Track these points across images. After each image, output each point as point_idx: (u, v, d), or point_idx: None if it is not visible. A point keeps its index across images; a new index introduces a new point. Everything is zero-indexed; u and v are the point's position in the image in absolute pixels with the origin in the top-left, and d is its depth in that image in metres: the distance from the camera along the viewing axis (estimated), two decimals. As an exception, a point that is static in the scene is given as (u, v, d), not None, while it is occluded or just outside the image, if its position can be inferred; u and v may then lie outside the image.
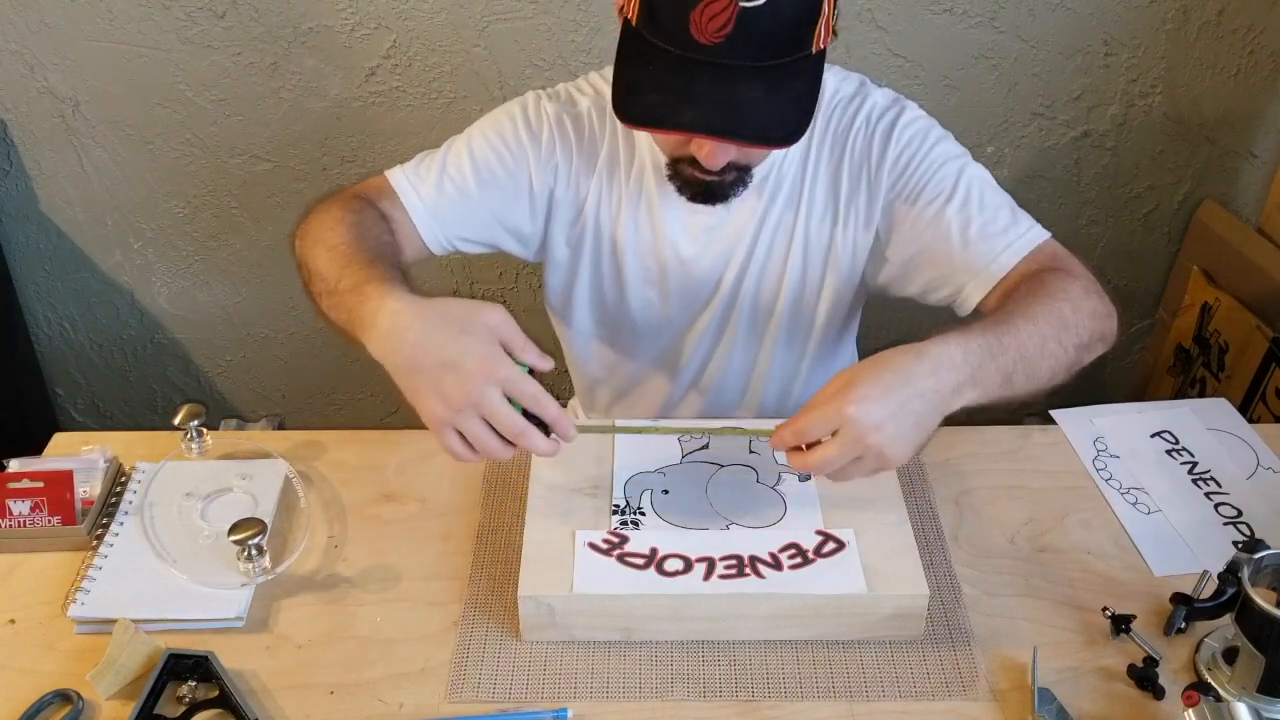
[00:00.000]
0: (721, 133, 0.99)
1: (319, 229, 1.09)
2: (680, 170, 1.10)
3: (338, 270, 1.02)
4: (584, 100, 1.21)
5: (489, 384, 0.90)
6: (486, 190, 1.19)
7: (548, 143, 1.19)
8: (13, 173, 1.93)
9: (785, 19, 0.96)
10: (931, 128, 1.17)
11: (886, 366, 0.92)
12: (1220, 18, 1.77)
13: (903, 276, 1.21)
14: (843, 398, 0.90)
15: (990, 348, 0.95)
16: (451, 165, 1.19)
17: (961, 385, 0.93)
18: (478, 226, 1.21)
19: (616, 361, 1.36)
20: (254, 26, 1.77)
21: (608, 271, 1.26)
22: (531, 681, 0.94)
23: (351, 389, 2.20)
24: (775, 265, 1.22)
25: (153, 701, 0.90)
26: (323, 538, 1.08)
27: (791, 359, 1.31)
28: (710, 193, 1.10)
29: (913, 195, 1.15)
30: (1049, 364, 0.99)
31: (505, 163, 1.19)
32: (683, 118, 0.98)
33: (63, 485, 1.07)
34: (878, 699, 0.92)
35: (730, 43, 0.95)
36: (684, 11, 0.95)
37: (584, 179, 1.21)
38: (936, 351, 0.93)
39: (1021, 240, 1.12)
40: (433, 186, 1.18)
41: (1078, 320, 1.03)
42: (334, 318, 1.02)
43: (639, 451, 1.09)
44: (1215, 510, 1.12)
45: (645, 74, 0.99)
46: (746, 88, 0.97)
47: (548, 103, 1.20)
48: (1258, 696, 0.90)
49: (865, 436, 0.89)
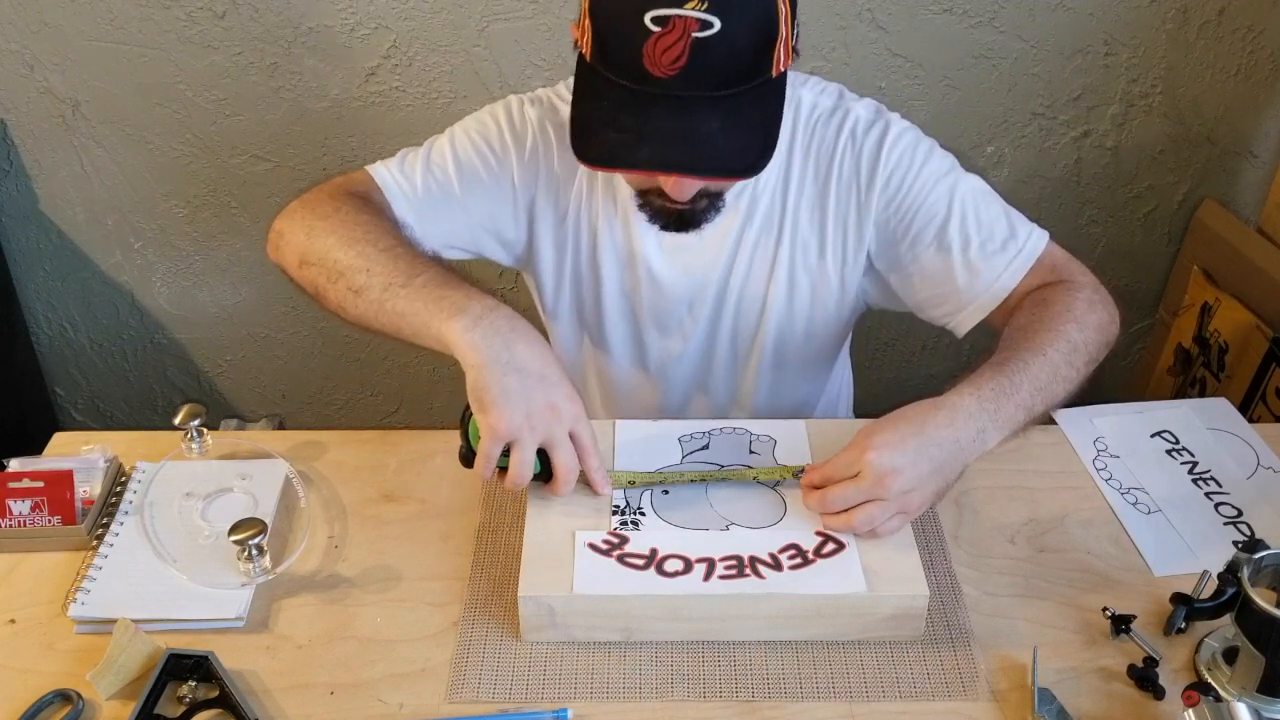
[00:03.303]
0: (680, 168, 0.98)
1: (333, 224, 1.07)
2: (650, 201, 1.08)
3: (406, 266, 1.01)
4: (565, 107, 1.18)
5: (570, 419, 0.96)
6: (470, 191, 1.17)
7: (531, 148, 1.18)
8: (13, 173, 1.93)
9: (740, 46, 0.94)
10: (919, 141, 1.15)
11: (904, 419, 0.97)
12: (1220, 18, 1.77)
13: (898, 296, 1.21)
14: (862, 445, 0.96)
15: (1003, 389, 0.99)
16: (435, 165, 1.17)
17: (983, 430, 0.98)
18: (461, 229, 1.20)
19: (599, 371, 1.34)
20: (254, 26, 1.77)
21: (587, 279, 1.25)
22: (531, 682, 0.93)
23: (351, 389, 2.20)
24: (757, 287, 1.21)
25: (153, 701, 0.90)
26: (323, 538, 1.08)
27: (781, 380, 1.29)
28: (682, 221, 1.09)
29: (907, 216, 1.14)
30: (1064, 387, 1.04)
31: (489, 164, 1.18)
32: (639, 155, 0.97)
33: (63, 485, 1.07)
34: (878, 699, 0.92)
35: (685, 74, 0.93)
36: (636, 44, 0.93)
37: (566, 186, 1.19)
38: (953, 402, 0.98)
39: (1020, 256, 1.13)
40: (420, 186, 1.16)
41: (1085, 339, 1.06)
42: (391, 308, 1.00)
43: (639, 452, 1.09)
44: (1215, 510, 1.12)
45: (599, 110, 0.97)
46: (704, 119, 0.95)
47: (530, 108, 1.19)
48: (1258, 696, 0.90)
49: (884, 479, 0.94)
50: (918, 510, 0.97)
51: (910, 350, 2.15)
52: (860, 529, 0.97)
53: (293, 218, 1.11)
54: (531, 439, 0.95)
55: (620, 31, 0.94)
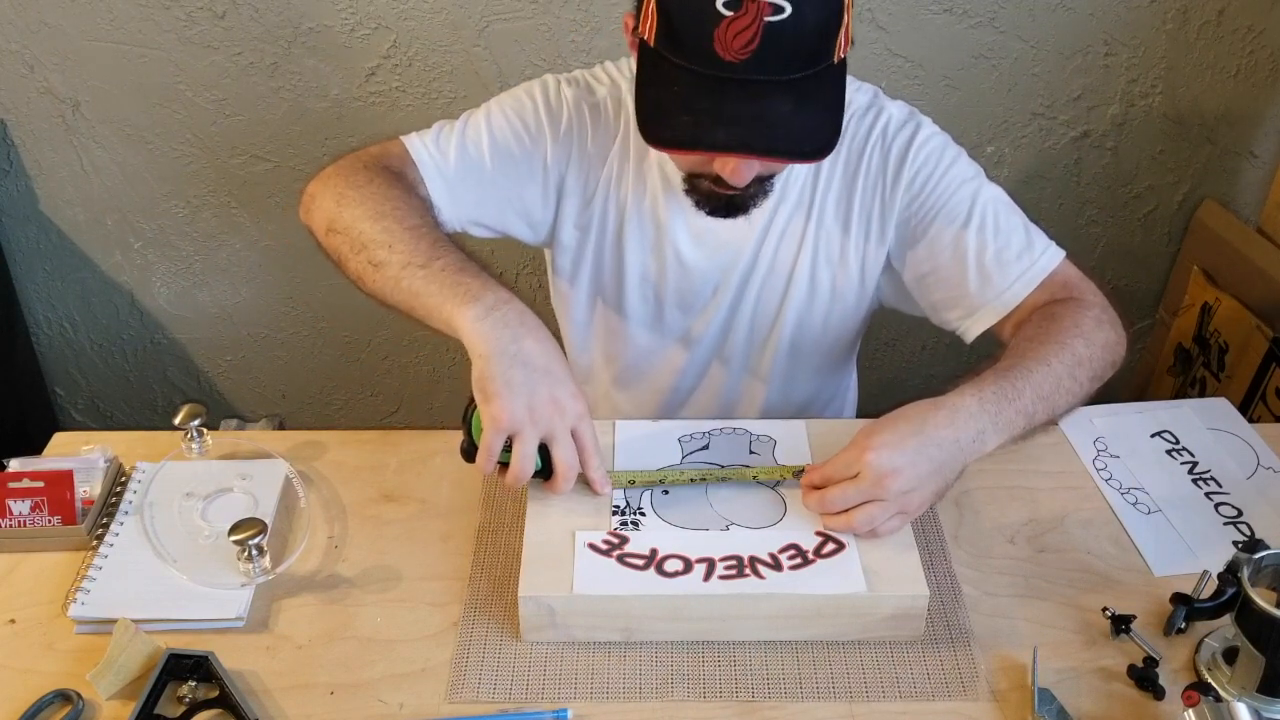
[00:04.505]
0: (759, 152, 0.98)
1: (364, 195, 1.08)
2: (699, 185, 1.09)
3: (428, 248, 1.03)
4: (601, 89, 1.20)
5: (573, 415, 0.96)
6: (502, 169, 1.18)
7: (566, 128, 1.19)
8: (13, 173, 1.93)
9: (809, 30, 0.95)
10: (947, 146, 1.17)
11: (903, 418, 0.98)
12: (1220, 18, 1.77)
13: (911, 296, 1.22)
14: (862, 445, 0.96)
15: (1005, 393, 0.99)
16: (470, 141, 1.18)
17: (983, 432, 0.98)
18: (491, 207, 1.20)
19: (611, 357, 1.35)
20: (254, 26, 1.78)
21: (609, 263, 1.25)
22: (531, 682, 0.93)
23: (351, 389, 2.20)
24: (780, 274, 1.22)
25: (153, 701, 0.90)
26: (323, 538, 1.08)
27: (795, 372, 1.30)
28: (733, 206, 1.10)
29: (928, 216, 1.15)
30: (1066, 399, 1.04)
31: (523, 143, 1.18)
32: (716, 138, 0.97)
33: (63, 485, 1.07)
34: (878, 699, 0.92)
35: (757, 58, 0.94)
36: (707, 29, 0.93)
37: (596, 168, 1.20)
38: (953, 403, 0.98)
39: (1034, 268, 1.14)
40: (454, 161, 1.17)
41: (1091, 354, 1.07)
42: (406, 286, 1.01)
43: (639, 452, 1.09)
44: (1215, 510, 1.12)
45: (670, 95, 0.98)
46: (776, 103, 0.96)
47: (567, 88, 1.20)
48: (1258, 696, 0.90)
49: (883, 479, 0.94)
50: (917, 510, 0.98)
51: (911, 350, 2.15)
52: (860, 529, 0.97)
53: (326, 183, 1.12)
54: (533, 432, 0.95)
55: (691, 16, 0.95)
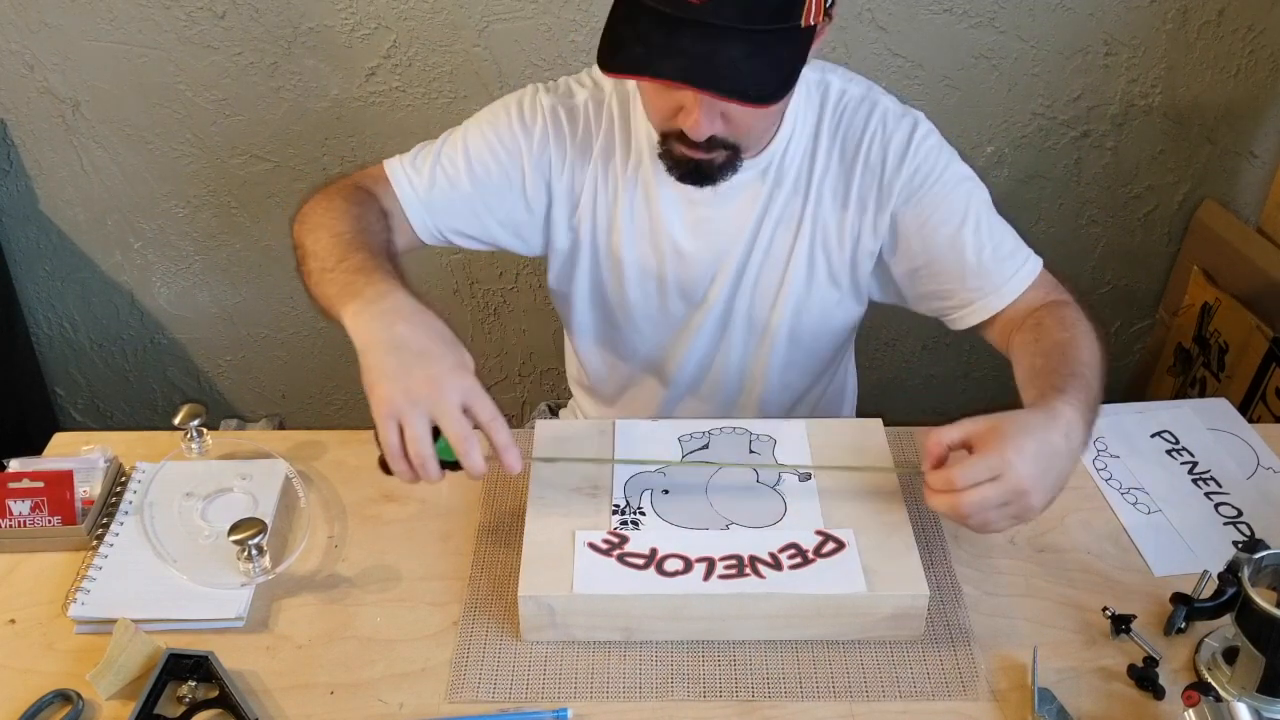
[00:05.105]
0: (700, 84, 0.99)
1: (323, 215, 1.12)
2: (670, 148, 1.10)
3: (340, 252, 1.06)
4: (581, 92, 1.21)
5: (454, 390, 0.94)
6: (479, 185, 1.20)
7: (540, 136, 1.19)
8: (13, 173, 1.93)
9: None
10: (943, 145, 1.19)
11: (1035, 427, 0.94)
12: (1220, 18, 1.77)
13: (903, 287, 1.23)
14: (1004, 448, 0.92)
15: (1091, 404, 1.00)
16: (445, 159, 1.20)
17: (1083, 442, 0.98)
18: (470, 220, 1.22)
19: (616, 356, 1.36)
20: (254, 26, 1.77)
21: (606, 262, 1.26)
22: (531, 681, 0.94)
23: (351, 389, 2.20)
24: (779, 257, 1.22)
25: (153, 701, 0.90)
26: (323, 538, 1.08)
27: (794, 359, 1.31)
28: (700, 172, 1.10)
29: (925, 211, 1.16)
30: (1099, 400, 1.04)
31: (499, 157, 1.19)
32: (662, 67, 0.98)
33: (63, 485, 1.07)
34: (878, 699, 0.92)
35: (716, 3, 0.95)
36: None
37: (580, 170, 1.21)
38: (1067, 416, 0.96)
39: (1025, 268, 1.17)
40: (426, 179, 1.20)
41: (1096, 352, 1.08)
42: (321, 291, 1.05)
43: (639, 451, 1.09)
44: (1215, 510, 1.12)
45: (631, 30, 1.00)
46: (729, 47, 0.97)
47: (544, 95, 1.21)
48: (1258, 696, 0.90)
49: (1021, 484, 0.92)
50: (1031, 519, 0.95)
51: (910, 350, 2.15)
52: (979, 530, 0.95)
53: (305, 204, 1.16)
54: (414, 413, 0.93)
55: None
